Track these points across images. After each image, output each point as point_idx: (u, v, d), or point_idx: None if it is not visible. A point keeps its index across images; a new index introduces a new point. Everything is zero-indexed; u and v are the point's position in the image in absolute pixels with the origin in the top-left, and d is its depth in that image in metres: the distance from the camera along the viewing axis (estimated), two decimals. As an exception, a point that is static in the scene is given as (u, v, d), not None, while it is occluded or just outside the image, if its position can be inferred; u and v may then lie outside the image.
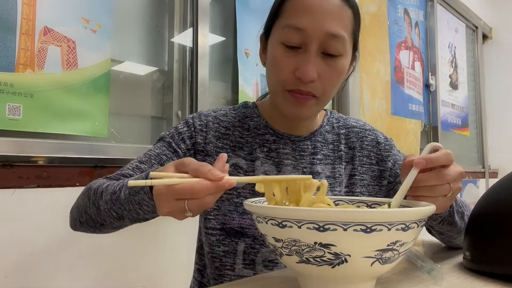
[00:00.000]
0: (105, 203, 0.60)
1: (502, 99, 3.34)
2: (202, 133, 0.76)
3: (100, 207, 0.61)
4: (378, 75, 2.24)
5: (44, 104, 1.02)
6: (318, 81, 0.67)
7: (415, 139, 2.49)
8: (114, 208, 0.59)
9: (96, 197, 0.62)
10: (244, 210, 0.72)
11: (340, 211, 0.42)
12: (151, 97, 1.38)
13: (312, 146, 0.79)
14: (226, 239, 0.73)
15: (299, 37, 0.65)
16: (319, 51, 0.66)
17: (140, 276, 1.16)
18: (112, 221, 0.61)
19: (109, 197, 0.59)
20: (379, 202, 0.59)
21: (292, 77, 0.67)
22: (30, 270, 0.96)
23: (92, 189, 0.64)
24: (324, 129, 0.82)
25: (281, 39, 0.67)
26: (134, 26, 1.35)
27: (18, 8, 0.99)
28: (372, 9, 2.21)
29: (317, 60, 0.66)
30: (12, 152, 0.95)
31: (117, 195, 0.58)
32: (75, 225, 0.68)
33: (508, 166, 3.19)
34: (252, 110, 0.81)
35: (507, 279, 0.55)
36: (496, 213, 0.58)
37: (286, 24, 0.67)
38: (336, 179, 0.78)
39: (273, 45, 0.69)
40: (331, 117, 0.85)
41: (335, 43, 0.66)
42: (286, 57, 0.67)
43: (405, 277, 0.58)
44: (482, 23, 3.35)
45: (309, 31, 0.65)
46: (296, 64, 0.66)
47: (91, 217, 0.64)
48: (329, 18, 0.65)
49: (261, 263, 0.73)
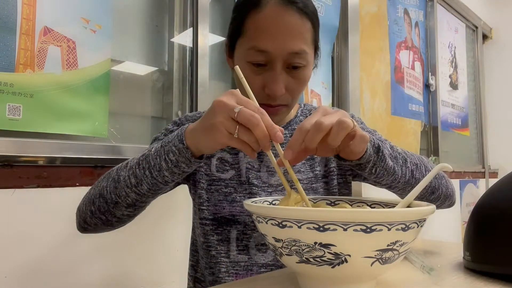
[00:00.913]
0: (129, 169, 0.63)
1: (502, 99, 3.34)
2: None
3: (120, 178, 0.64)
4: (378, 75, 2.24)
5: (44, 104, 1.02)
6: (287, 93, 0.72)
7: (415, 139, 2.49)
8: (136, 172, 0.61)
9: (119, 171, 0.65)
10: (233, 199, 0.76)
11: (340, 211, 0.42)
12: (151, 97, 1.38)
13: (290, 135, 0.82)
14: (218, 227, 0.76)
15: (264, 57, 0.69)
16: (284, 66, 0.71)
17: (140, 276, 1.16)
18: (128, 193, 0.63)
19: (136, 161, 0.63)
20: (380, 202, 0.60)
21: (261, 92, 0.71)
22: (30, 270, 0.96)
23: (114, 168, 0.68)
24: (299, 119, 0.86)
25: (247, 59, 0.71)
26: (134, 26, 1.35)
27: (18, 8, 0.99)
28: (372, 9, 2.21)
29: (283, 75, 0.71)
30: (12, 152, 0.95)
31: (146, 154, 0.62)
32: (84, 220, 0.70)
33: (508, 166, 3.19)
34: None
35: (507, 279, 0.55)
36: (496, 213, 0.58)
37: (250, 46, 0.70)
38: (315, 159, 0.82)
39: (239, 63, 0.73)
40: (304, 109, 0.89)
41: (298, 58, 0.70)
42: (253, 75, 0.71)
43: (405, 277, 0.58)
44: (482, 23, 3.35)
45: (272, 52, 0.68)
46: (263, 81, 0.71)
47: (105, 199, 0.65)
48: (290, 37, 0.69)
49: (254, 247, 0.75)
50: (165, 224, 1.23)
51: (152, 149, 0.62)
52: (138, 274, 1.16)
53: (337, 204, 0.62)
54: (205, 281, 0.79)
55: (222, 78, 1.58)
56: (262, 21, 0.69)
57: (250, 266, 0.75)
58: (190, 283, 0.84)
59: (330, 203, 0.63)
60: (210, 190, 0.78)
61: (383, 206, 0.59)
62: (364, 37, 2.12)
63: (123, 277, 1.13)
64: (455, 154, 3.04)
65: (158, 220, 1.21)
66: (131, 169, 0.63)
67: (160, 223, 1.22)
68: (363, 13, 2.13)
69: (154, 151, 0.61)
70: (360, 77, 2.08)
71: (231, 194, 0.77)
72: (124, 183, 0.63)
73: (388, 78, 2.30)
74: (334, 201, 0.63)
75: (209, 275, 0.77)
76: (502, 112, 3.34)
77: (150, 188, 0.62)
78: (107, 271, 1.10)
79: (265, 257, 0.75)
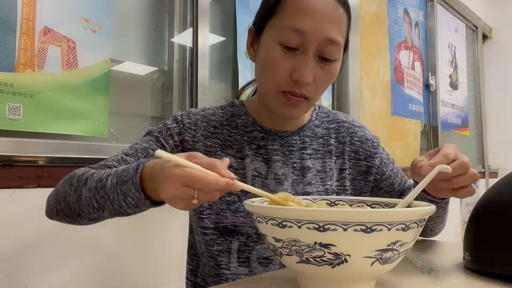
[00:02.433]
0: (89, 190, 0.58)
1: (502, 99, 3.34)
2: (191, 131, 0.76)
3: (81, 195, 0.59)
4: (378, 75, 2.24)
5: (44, 104, 1.02)
6: (312, 84, 0.67)
7: (415, 139, 2.49)
8: (97, 197, 0.57)
9: (79, 184, 0.60)
10: (237, 208, 0.72)
11: (340, 211, 0.42)
12: (151, 97, 1.38)
13: (301, 141, 0.79)
14: (219, 238, 0.73)
15: (298, 39, 0.65)
16: (316, 54, 0.67)
17: (140, 276, 1.16)
18: (90, 212, 0.60)
19: (94, 184, 0.58)
20: (380, 202, 0.60)
21: (288, 79, 0.67)
22: (30, 270, 0.96)
23: (76, 175, 0.63)
24: (313, 124, 0.82)
25: (279, 39, 0.66)
26: (134, 26, 1.35)
27: (18, 8, 0.99)
28: (372, 9, 2.21)
29: (314, 63, 0.67)
30: (12, 152, 0.95)
31: (103, 183, 0.57)
32: (51, 213, 0.66)
33: (508, 166, 3.19)
34: (239, 108, 0.81)
35: (507, 279, 0.55)
36: (496, 213, 0.58)
37: (286, 25, 0.65)
38: (327, 173, 0.78)
39: (268, 44, 0.68)
40: (319, 112, 0.85)
41: (332, 48, 0.66)
42: (283, 58, 0.66)
43: (405, 277, 0.58)
44: (482, 23, 3.35)
45: (309, 34, 0.64)
46: (293, 66, 0.66)
47: (69, 206, 0.62)
48: (329, 23, 0.65)
49: (256, 260, 0.73)
50: (165, 225, 1.23)
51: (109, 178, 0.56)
52: (138, 274, 1.16)
53: (337, 204, 0.62)
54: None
55: (222, 78, 1.58)
56: (301, 1, 0.65)
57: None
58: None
59: (330, 203, 0.63)
60: None
61: (383, 206, 0.59)
62: (364, 37, 2.12)
63: (123, 277, 1.13)
64: (455, 154, 3.04)
65: (158, 221, 1.21)
66: (91, 192, 0.58)
67: (160, 224, 1.22)
68: (363, 13, 2.13)
69: (110, 184, 0.56)
70: (360, 77, 2.08)
71: (234, 203, 0.72)
72: (86, 203, 0.59)
73: (388, 78, 2.30)
74: (334, 201, 0.63)
75: (212, 283, 0.75)
76: (502, 112, 3.34)
77: (111, 214, 0.59)
78: (107, 271, 1.10)
79: (266, 271, 0.72)
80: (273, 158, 0.76)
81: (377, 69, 2.23)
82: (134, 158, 0.72)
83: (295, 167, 0.77)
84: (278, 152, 0.77)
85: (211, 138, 0.76)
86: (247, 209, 0.51)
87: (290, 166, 0.77)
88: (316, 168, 0.78)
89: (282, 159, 0.77)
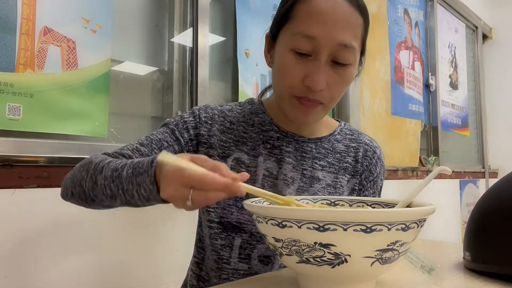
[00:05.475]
0: (104, 178, 0.59)
1: (502, 99, 3.34)
2: (207, 125, 0.76)
3: (97, 182, 0.60)
4: (378, 75, 2.24)
5: (44, 104, 1.02)
6: (326, 89, 0.67)
7: (415, 139, 2.49)
8: (111, 186, 0.58)
9: (95, 172, 0.61)
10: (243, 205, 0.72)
11: (340, 211, 0.42)
12: (151, 97, 1.38)
13: (317, 151, 0.78)
14: (223, 232, 0.73)
15: (310, 45, 0.65)
16: (329, 59, 0.66)
17: (140, 276, 1.16)
18: (103, 199, 0.61)
19: (110, 173, 0.59)
20: (380, 202, 0.60)
21: (300, 84, 0.67)
22: (30, 270, 0.96)
23: (93, 162, 0.64)
24: (334, 138, 0.81)
25: (291, 45, 0.66)
26: (134, 26, 1.35)
27: (18, 8, 0.99)
28: (372, 9, 2.21)
29: (327, 68, 0.66)
30: (12, 152, 0.95)
31: (119, 173, 0.58)
32: (67, 195, 0.67)
33: (508, 166, 3.19)
34: (258, 106, 0.81)
35: (507, 279, 0.55)
36: (496, 213, 0.58)
37: (297, 31, 0.66)
38: (337, 189, 0.78)
39: (282, 50, 0.69)
40: (344, 128, 0.85)
41: (346, 52, 0.66)
42: (295, 64, 0.66)
43: (405, 277, 0.58)
44: (482, 23, 3.35)
45: (320, 40, 0.64)
46: (305, 72, 0.66)
47: (84, 191, 0.63)
48: (341, 27, 0.65)
49: (257, 258, 0.73)
50: (165, 224, 1.23)
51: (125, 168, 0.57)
52: (138, 274, 1.16)
53: (337, 204, 0.62)
54: (209, 281, 0.77)
55: (222, 78, 1.58)
56: (313, 7, 0.65)
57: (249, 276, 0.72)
58: (193, 280, 0.82)
59: (330, 203, 0.63)
60: None
61: (383, 206, 0.59)
62: (364, 37, 2.11)
63: (123, 277, 1.13)
64: (455, 154, 3.04)
65: (158, 220, 1.21)
66: (106, 180, 0.59)
67: (161, 223, 1.22)
68: (363, 13, 2.13)
69: (126, 174, 0.57)
70: (360, 77, 2.08)
71: (242, 199, 0.71)
72: (101, 190, 0.60)
73: (388, 78, 2.30)
74: (334, 201, 0.63)
75: (214, 278, 0.76)
76: (502, 112, 3.34)
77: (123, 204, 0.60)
78: (107, 271, 1.10)
79: (265, 269, 0.73)
80: (285, 159, 0.76)
81: (377, 69, 2.23)
82: (148, 149, 0.72)
83: (304, 174, 0.76)
84: (291, 155, 0.77)
85: (227, 133, 0.77)
86: (247, 209, 0.51)
87: (299, 172, 0.76)
88: (326, 182, 0.77)
89: (294, 163, 0.77)
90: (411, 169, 2.38)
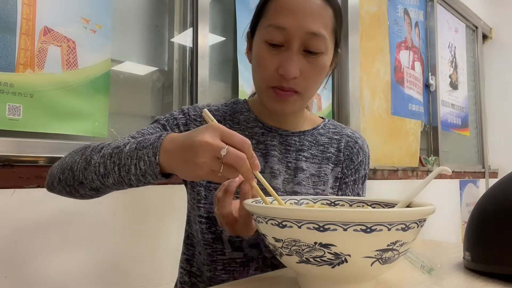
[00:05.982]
0: (101, 156, 0.61)
1: (502, 99, 3.34)
2: (196, 122, 0.79)
3: (91, 161, 0.61)
4: (378, 75, 2.24)
5: (44, 104, 1.02)
6: (300, 78, 0.70)
7: (415, 139, 2.49)
8: (107, 162, 0.59)
9: (93, 152, 0.63)
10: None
11: (340, 211, 0.42)
12: (151, 97, 1.38)
13: (300, 144, 0.81)
14: (212, 227, 0.75)
15: (282, 36, 0.69)
16: (301, 49, 0.70)
17: (139, 276, 1.16)
18: (93, 179, 0.61)
19: (109, 151, 0.61)
20: (380, 202, 0.60)
21: (275, 74, 0.70)
22: (30, 270, 0.96)
23: (90, 146, 0.65)
24: (317, 131, 0.85)
25: (265, 38, 0.70)
26: (134, 26, 1.35)
27: (18, 8, 0.99)
28: (372, 9, 2.21)
29: (299, 57, 0.70)
30: (12, 152, 0.95)
31: (120, 149, 0.59)
32: (52, 183, 0.68)
33: (508, 166, 3.19)
34: (242, 105, 0.85)
35: (507, 279, 0.55)
36: (496, 213, 0.58)
37: (269, 24, 0.70)
38: (321, 178, 0.81)
39: (257, 43, 0.73)
40: (328, 123, 0.88)
41: (316, 41, 0.69)
42: (269, 55, 0.70)
43: (405, 277, 0.58)
44: (482, 23, 3.35)
45: (290, 30, 0.68)
46: (279, 61, 0.70)
47: (73, 174, 0.64)
48: (309, 17, 0.69)
49: (248, 247, 0.75)
50: (164, 224, 1.23)
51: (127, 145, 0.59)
52: (137, 273, 1.16)
53: (337, 204, 0.62)
54: (201, 276, 0.79)
55: (222, 78, 1.58)
56: (284, 1, 0.70)
57: (246, 262, 0.74)
58: (184, 277, 0.83)
59: (330, 203, 0.63)
60: (209, 188, 0.76)
61: (383, 206, 0.59)
62: (364, 37, 2.12)
63: (123, 276, 1.13)
64: (455, 154, 3.04)
65: (157, 220, 1.21)
66: (103, 157, 0.60)
67: (159, 223, 1.22)
68: (363, 13, 2.13)
69: (128, 149, 0.59)
70: (360, 77, 2.08)
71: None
72: (94, 169, 0.61)
73: (388, 78, 2.31)
74: (334, 201, 0.63)
75: (207, 271, 0.77)
76: (502, 112, 3.34)
77: (114, 183, 0.61)
78: (106, 270, 1.10)
79: (259, 251, 0.74)
80: (270, 153, 0.79)
81: (377, 69, 2.23)
82: None
83: (289, 166, 0.79)
84: (275, 148, 0.80)
85: None
86: (247, 209, 0.51)
87: (284, 164, 0.79)
88: (310, 171, 0.80)
89: (279, 156, 0.80)
90: (411, 169, 2.38)
